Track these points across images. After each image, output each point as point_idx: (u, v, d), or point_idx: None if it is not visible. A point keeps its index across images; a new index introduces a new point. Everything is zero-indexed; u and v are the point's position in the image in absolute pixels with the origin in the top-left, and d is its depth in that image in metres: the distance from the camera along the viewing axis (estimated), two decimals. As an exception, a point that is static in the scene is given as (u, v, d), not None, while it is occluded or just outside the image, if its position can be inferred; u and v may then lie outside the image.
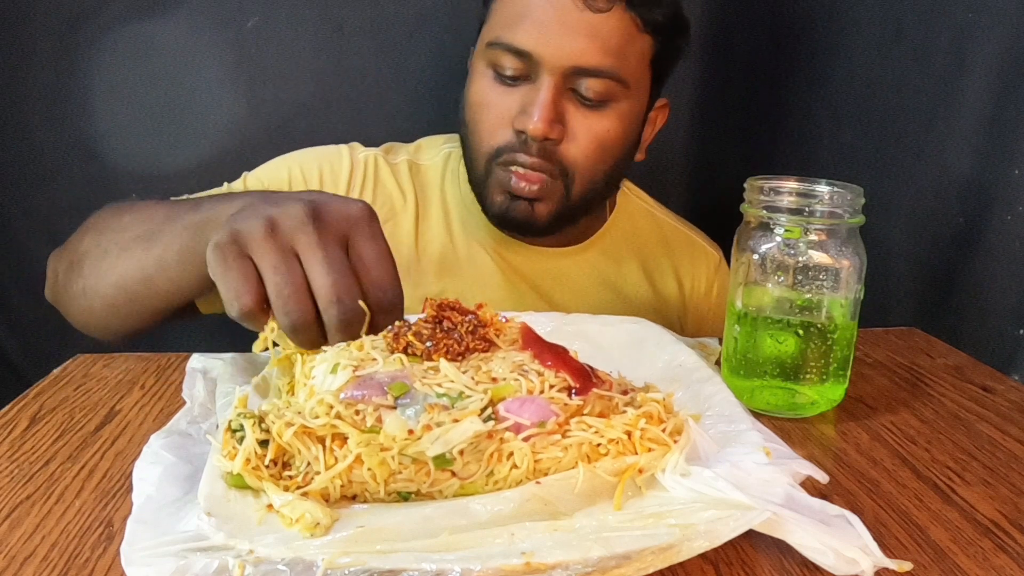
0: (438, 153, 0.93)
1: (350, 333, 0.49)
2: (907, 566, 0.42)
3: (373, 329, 0.50)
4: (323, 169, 0.88)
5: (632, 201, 0.98)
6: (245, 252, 0.49)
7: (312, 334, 0.49)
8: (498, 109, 0.80)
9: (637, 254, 0.95)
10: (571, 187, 0.81)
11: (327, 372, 0.49)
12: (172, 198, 0.82)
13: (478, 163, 0.82)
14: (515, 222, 0.83)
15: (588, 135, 0.79)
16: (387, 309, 0.50)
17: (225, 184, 0.87)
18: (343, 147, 0.92)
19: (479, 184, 0.83)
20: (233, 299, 0.49)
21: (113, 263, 0.68)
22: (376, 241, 0.51)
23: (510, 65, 0.78)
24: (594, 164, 0.81)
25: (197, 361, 0.63)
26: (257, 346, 0.51)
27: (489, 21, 0.81)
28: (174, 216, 0.65)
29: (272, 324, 0.49)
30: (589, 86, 0.77)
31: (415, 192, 0.91)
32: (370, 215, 0.52)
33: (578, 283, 0.91)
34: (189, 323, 0.77)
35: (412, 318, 0.54)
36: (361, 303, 0.48)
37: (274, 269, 0.48)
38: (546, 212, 0.81)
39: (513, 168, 0.79)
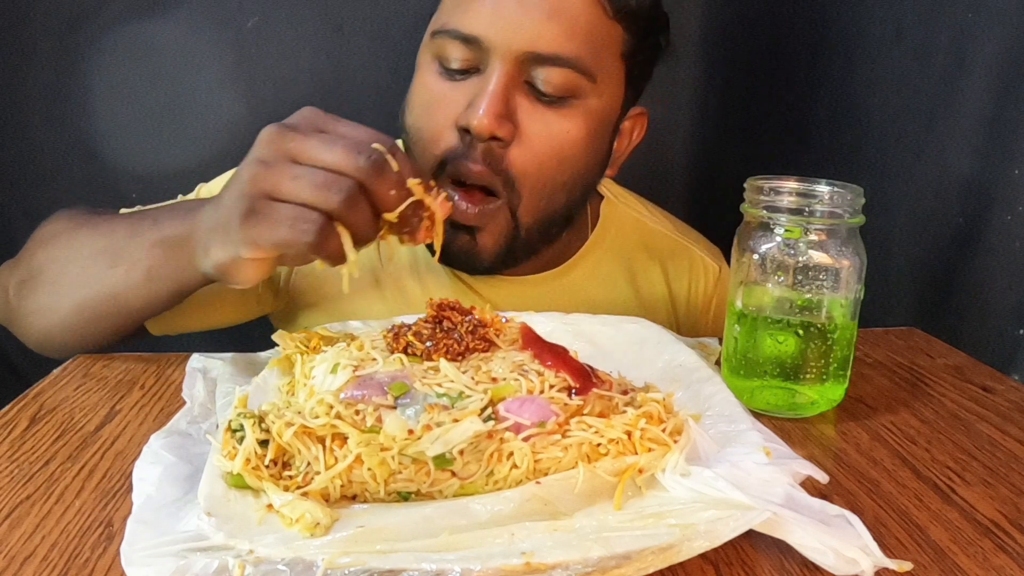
0: None
1: (386, 175, 0.50)
2: (907, 566, 0.42)
3: (400, 179, 0.52)
4: None
5: (618, 210, 0.88)
6: (271, 197, 0.51)
7: (364, 202, 0.50)
8: (442, 107, 0.69)
9: (626, 270, 0.85)
10: (518, 207, 0.69)
11: (327, 372, 0.49)
12: (123, 210, 0.80)
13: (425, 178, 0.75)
14: (457, 257, 0.72)
15: (543, 136, 0.68)
16: (392, 149, 0.52)
17: (179, 196, 0.85)
18: None
19: None
20: (296, 234, 0.50)
21: (74, 281, 0.66)
22: (342, 120, 0.53)
23: (457, 55, 0.68)
24: (549, 174, 0.69)
25: (197, 361, 0.63)
26: (351, 256, 0.52)
27: (439, 8, 0.72)
28: (135, 232, 0.64)
29: (342, 231, 0.51)
30: (547, 78, 0.67)
31: None
32: (319, 110, 0.54)
33: (560, 310, 0.76)
34: (139, 341, 0.76)
35: (411, 319, 0.54)
36: (376, 145, 0.51)
37: (293, 178, 0.50)
38: (491, 243, 0.70)
39: (458, 185, 0.69)
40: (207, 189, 0.85)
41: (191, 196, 0.85)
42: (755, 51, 1.16)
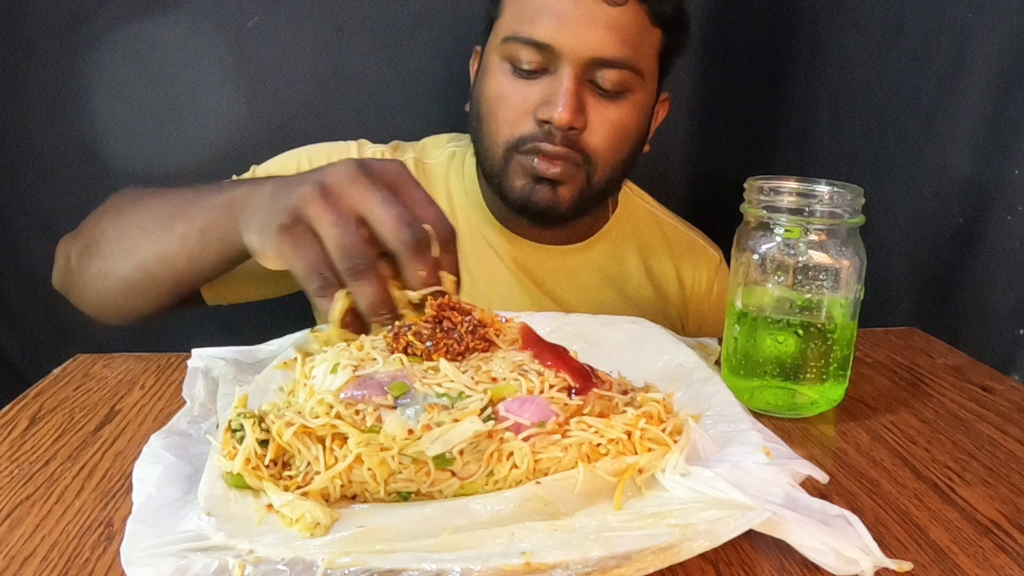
0: (443, 152, 0.94)
1: (423, 256, 0.53)
2: (907, 566, 0.42)
3: (436, 266, 0.53)
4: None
5: (634, 201, 0.99)
6: (310, 226, 0.53)
7: (375, 281, 0.52)
8: (518, 101, 0.81)
9: (639, 253, 0.96)
10: (593, 175, 0.83)
11: (327, 372, 0.49)
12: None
13: (495, 153, 0.83)
14: (537, 207, 0.83)
15: (607, 124, 0.81)
16: (446, 239, 0.54)
17: (233, 176, 0.87)
18: (352, 143, 0.93)
19: (496, 174, 0.84)
20: (306, 277, 0.53)
21: (134, 243, 0.70)
22: (420, 188, 0.56)
23: (529, 58, 0.79)
24: (613, 153, 0.83)
25: (199, 359, 0.63)
26: (334, 324, 0.53)
27: (503, 16, 0.83)
28: (198, 198, 0.67)
29: (343, 292, 0.52)
30: (607, 77, 0.79)
31: None
32: (407, 170, 0.57)
33: (582, 281, 0.92)
34: (195, 311, 0.78)
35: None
36: (426, 226, 0.53)
37: (332, 224, 0.52)
38: (568, 196, 0.83)
39: (537, 156, 0.81)
40: (262, 170, 0.90)
41: (245, 176, 0.89)
42: (755, 51, 1.16)
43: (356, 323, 0.54)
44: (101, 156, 1.06)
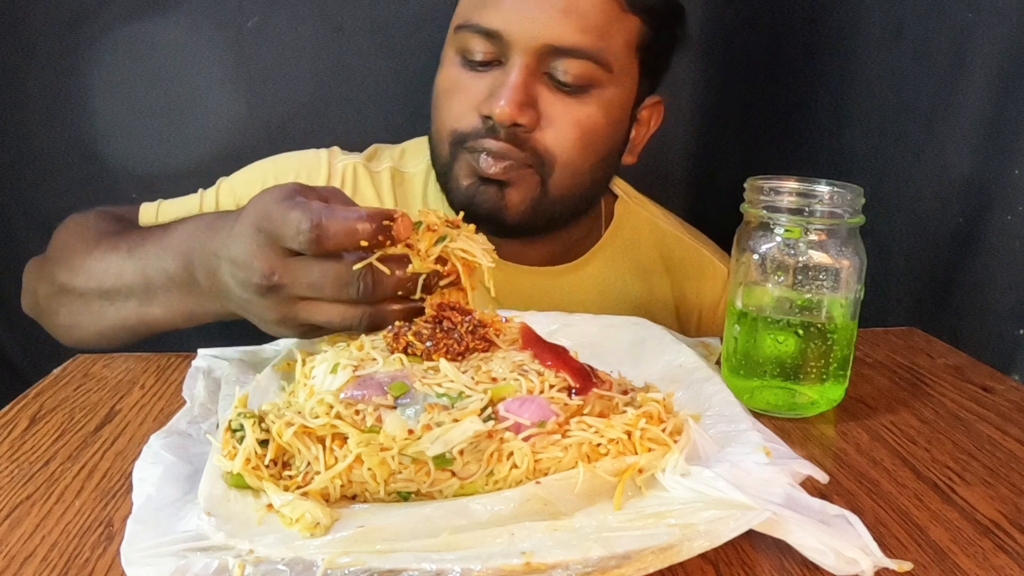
0: (422, 161, 0.88)
1: (385, 286, 0.52)
2: (907, 566, 0.42)
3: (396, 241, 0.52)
4: (300, 177, 0.84)
5: (632, 211, 0.91)
6: (299, 297, 0.53)
7: (386, 311, 0.52)
8: (465, 94, 0.74)
9: (637, 269, 0.89)
10: (548, 179, 0.74)
11: (327, 372, 0.49)
12: (143, 206, 0.82)
13: (442, 149, 0.77)
14: (482, 209, 0.74)
15: (567, 121, 0.73)
16: (389, 217, 0.51)
17: (200, 191, 0.86)
18: (323, 152, 0.88)
19: (444, 172, 0.78)
20: (344, 328, 0.53)
21: (100, 312, 0.68)
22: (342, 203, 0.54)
23: (479, 48, 0.72)
24: (576, 154, 0.74)
25: (203, 359, 0.63)
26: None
27: (460, 3, 0.76)
28: (148, 276, 0.64)
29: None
30: (566, 68, 0.71)
31: (395, 203, 0.86)
32: (290, 192, 0.53)
33: (573, 305, 0.84)
34: None
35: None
36: (357, 267, 0.51)
37: (310, 286, 0.52)
38: (518, 200, 0.74)
39: (482, 153, 0.73)
40: (228, 185, 0.86)
41: (212, 190, 0.86)
42: (755, 51, 1.16)
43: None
44: (101, 156, 1.06)
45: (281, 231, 0.51)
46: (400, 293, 0.53)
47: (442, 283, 0.54)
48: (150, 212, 0.83)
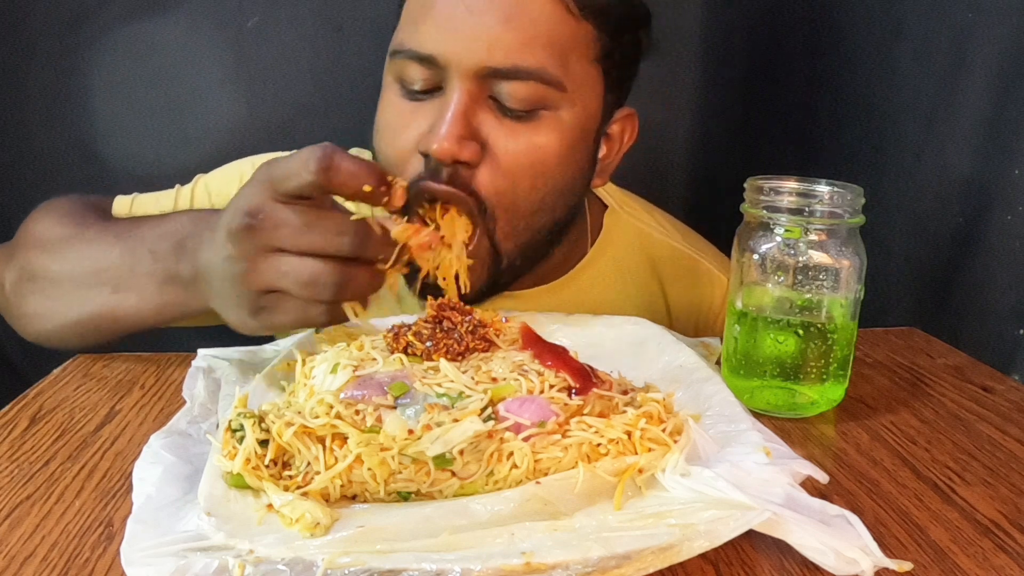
0: None
1: (372, 243, 0.52)
2: (907, 566, 0.42)
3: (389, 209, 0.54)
4: None
5: (621, 221, 0.83)
6: (273, 288, 0.53)
7: (354, 276, 0.52)
8: (406, 131, 0.65)
9: (627, 283, 0.81)
10: (494, 232, 0.65)
11: (327, 372, 0.49)
12: (117, 198, 0.81)
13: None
14: (437, 291, 0.64)
15: (513, 153, 0.63)
16: (383, 190, 0.52)
17: (176, 186, 0.84)
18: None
19: None
20: (309, 324, 0.54)
21: (73, 297, 0.66)
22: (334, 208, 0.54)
23: (417, 76, 0.64)
24: (523, 193, 0.65)
25: (203, 359, 0.63)
26: (360, 317, 0.55)
27: (397, 25, 0.68)
28: (135, 259, 0.63)
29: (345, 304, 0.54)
30: (511, 92, 0.62)
31: None
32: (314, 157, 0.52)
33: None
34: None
35: (412, 318, 0.54)
36: (355, 218, 0.52)
37: (282, 276, 0.52)
38: (472, 278, 0.63)
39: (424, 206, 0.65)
40: (203, 182, 0.85)
41: (188, 187, 0.85)
42: (755, 51, 1.16)
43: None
44: (101, 156, 1.06)
45: (287, 167, 0.52)
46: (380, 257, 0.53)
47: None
48: (124, 205, 0.81)
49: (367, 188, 0.51)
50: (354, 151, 0.90)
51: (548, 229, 0.69)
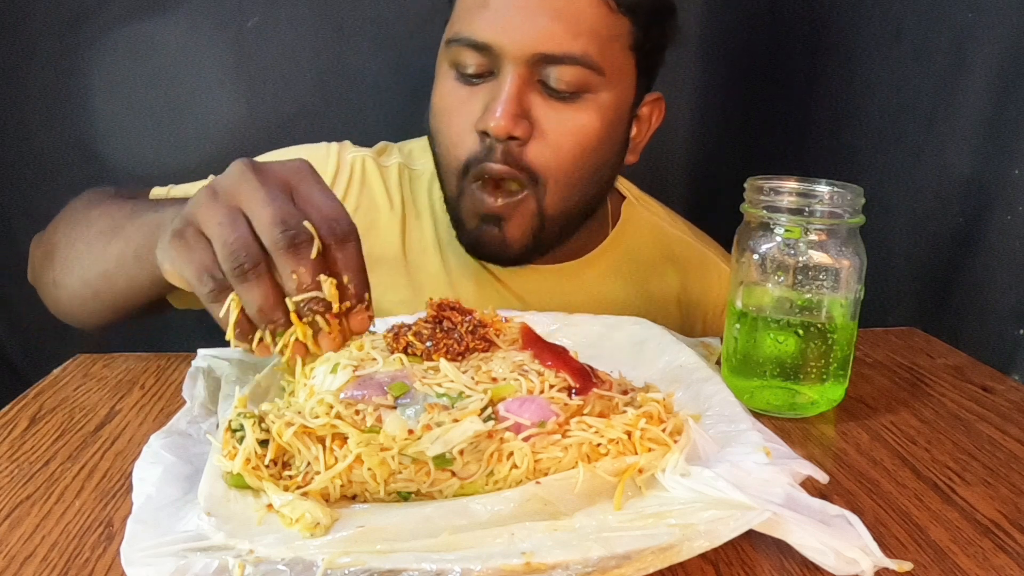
0: (430, 160, 0.86)
1: (300, 257, 0.47)
2: (907, 566, 0.42)
3: (331, 264, 0.48)
4: None
5: (637, 213, 0.91)
6: (200, 230, 0.49)
7: (262, 283, 0.47)
8: (462, 113, 0.73)
9: (641, 271, 0.88)
10: (543, 198, 0.74)
11: (327, 372, 0.49)
12: (155, 189, 0.83)
13: (450, 182, 0.77)
14: (487, 249, 0.76)
15: (561, 131, 0.72)
16: (341, 238, 0.49)
17: (211, 176, 0.86)
18: (333, 146, 0.87)
19: (453, 206, 0.78)
20: (197, 281, 0.48)
21: (78, 257, 0.69)
22: (320, 185, 0.51)
23: (472, 62, 0.72)
24: (570, 166, 0.73)
25: (203, 359, 0.63)
26: (229, 333, 0.49)
27: (452, 15, 0.75)
28: (137, 212, 0.65)
29: (233, 296, 0.48)
30: (558, 76, 0.70)
31: (403, 198, 0.86)
32: (309, 167, 0.52)
33: (574, 304, 0.82)
34: (166, 316, 0.78)
35: (411, 318, 0.54)
36: (307, 224, 0.48)
37: (218, 225, 0.48)
38: (518, 233, 0.74)
39: (482, 182, 0.73)
40: (180, 190, 0.85)
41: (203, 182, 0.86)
42: (755, 51, 1.16)
43: (252, 329, 0.49)
44: (101, 156, 1.06)
45: (267, 167, 0.51)
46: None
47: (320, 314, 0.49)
48: (160, 195, 0.84)
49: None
50: (380, 145, 0.92)
51: (587, 201, 0.78)
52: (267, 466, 0.44)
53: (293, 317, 0.49)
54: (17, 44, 1.03)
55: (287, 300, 0.48)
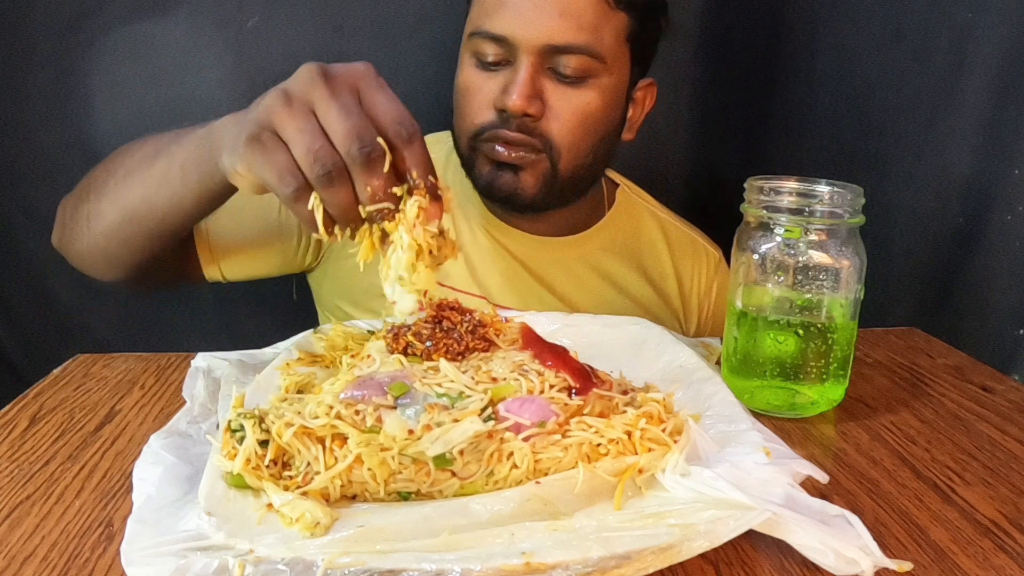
0: (443, 148, 0.95)
1: (374, 171, 0.51)
2: (907, 566, 0.42)
3: (398, 162, 0.52)
4: None
5: (632, 199, 1.00)
6: (277, 135, 0.53)
7: (345, 187, 0.51)
8: (481, 92, 0.84)
9: (637, 251, 0.97)
10: (558, 162, 0.85)
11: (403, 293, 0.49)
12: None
13: (463, 143, 0.87)
14: (501, 192, 0.85)
15: (569, 109, 0.83)
16: (407, 141, 0.53)
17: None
18: None
19: (467, 163, 0.87)
20: (279, 182, 0.52)
21: (117, 185, 0.72)
22: (384, 88, 0.55)
23: (490, 52, 0.83)
24: (578, 138, 0.85)
25: (202, 360, 0.63)
26: (320, 227, 0.52)
27: (471, 12, 0.87)
28: (181, 135, 0.68)
29: (317, 203, 0.51)
30: (566, 63, 0.81)
31: None
32: (373, 71, 0.55)
33: (578, 275, 0.94)
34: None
35: (411, 318, 0.54)
36: (380, 140, 0.51)
37: (298, 131, 0.52)
38: (533, 182, 0.84)
39: (496, 143, 0.84)
40: None
41: None
42: (755, 51, 1.16)
43: (332, 223, 0.53)
44: (101, 156, 1.06)
45: (336, 70, 0.54)
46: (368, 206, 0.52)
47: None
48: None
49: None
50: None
51: (594, 166, 0.89)
52: (267, 466, 0.44)
53: (365, 223, 0.52)
54: (17, 44, 1.03)
55: (359, 208, 0.52)
